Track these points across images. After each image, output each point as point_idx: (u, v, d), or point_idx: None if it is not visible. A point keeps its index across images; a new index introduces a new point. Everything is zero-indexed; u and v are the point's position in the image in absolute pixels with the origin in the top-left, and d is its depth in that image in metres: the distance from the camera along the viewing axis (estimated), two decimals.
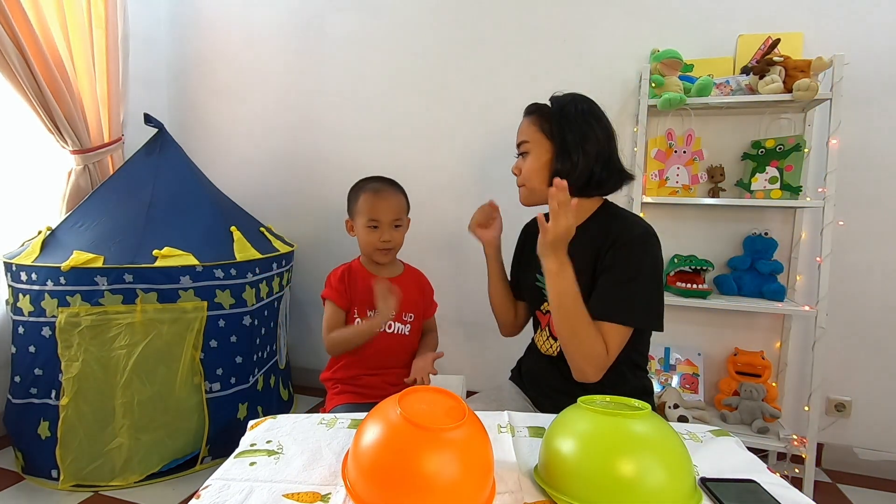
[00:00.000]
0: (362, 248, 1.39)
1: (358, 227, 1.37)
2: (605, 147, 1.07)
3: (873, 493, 1.67)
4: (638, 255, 1.01)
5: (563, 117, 1.08)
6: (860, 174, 1.70)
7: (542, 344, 1.18)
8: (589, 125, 1.07)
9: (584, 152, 1.05)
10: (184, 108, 2.53)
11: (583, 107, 1.10)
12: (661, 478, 0.62)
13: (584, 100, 1.12)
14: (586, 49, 1.95)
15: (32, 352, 1.57)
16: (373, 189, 1.37)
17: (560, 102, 1.11)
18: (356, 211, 1.37)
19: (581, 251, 1.05)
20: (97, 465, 1.51)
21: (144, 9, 2.35)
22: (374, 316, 1.27)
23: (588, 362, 0.99)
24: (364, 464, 0.63)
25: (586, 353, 0.99)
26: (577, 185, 1.05)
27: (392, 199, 1.37)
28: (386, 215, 1.34)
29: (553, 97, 1.14)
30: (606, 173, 1.08)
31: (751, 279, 1.75)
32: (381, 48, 2.20)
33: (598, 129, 1.07)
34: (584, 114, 1.08)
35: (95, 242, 1.58)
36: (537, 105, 1.14)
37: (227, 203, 2.01)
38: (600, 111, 1.12)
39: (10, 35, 1.66)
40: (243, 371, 1.74)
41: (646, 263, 1.02)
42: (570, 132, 1.06)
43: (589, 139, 1.06)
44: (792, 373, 1.81)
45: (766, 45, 1.66)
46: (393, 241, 1.36)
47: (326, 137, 2.31)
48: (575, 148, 1.06)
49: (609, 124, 1.11)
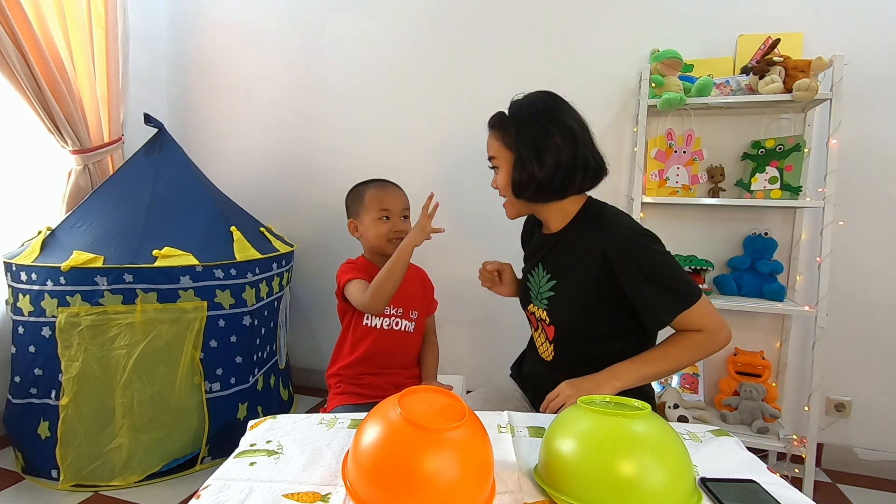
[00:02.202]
0: (373, 242, 1.37)
1: (366, 223, 1.37)
2: (565, 151, 1.01)
3: (873, 493, 1.67)
4: (642, 254, 0.98)
5: (518, 126, 1.04)
6: (860, 174, 1.70)
7: (540, 346, 1.17)
8: (545, 132, 1.01)
9: (539, 163, 1.01)
10: (184, 108, 2.53)
11: (538, 109, 1.04)
12: (661, 478, 0.62)
13: (542, 100, 1.06)
14: (586, 49, 1.95)
15: (32, 352, 1.56)
16: (378, 185, 1.40)
17: (516, 109, 1.06)
18: (363, 208, 1.37)
19: (568, 258, 1.07)
20: (97, 465, 1.51)
21: (144, 8, 2.35)
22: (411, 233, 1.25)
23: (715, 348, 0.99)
24: (364, 464, 0.63)
25: (706, 352, 0.99)
26: (538, 194, 1.05)
27: (399, 192, 1.42)
28: (396, 205, 1.37)
29: (512, 101, 1.09)
30: (570, 177, 1.03)
31: (751, 279, 1.75)
32: (380, 48, 2.20)
33: (556, 133, 1.01)
34: (540, 119, 1.03)
35: (95, 242, 1.58)
36: (497, 117, 1.09)
37: (227, 203, 2.01)
38: (561, 110, 1.05)
39: (10, 35, 1.66)
40: (243, 371, 1.74)
41: (654, 253, 0.99)
42: (524, 143, 1.02)
43: (545, 147, 1.01)
44: (792, 373, 1.81)
45: (766, 45, 1.66)
46: (405, 232, 1.35)
47: (327, 137, 2.31)
48: (529, 159, 1.02)
49: (573, 122, 1.04)
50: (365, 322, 1.36)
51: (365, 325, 1.36)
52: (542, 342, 1.15)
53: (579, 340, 1.08)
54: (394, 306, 1.37)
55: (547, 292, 1.10)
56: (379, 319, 1.36)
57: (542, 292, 1.11)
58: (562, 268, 1.08)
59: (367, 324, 1.36)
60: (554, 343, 1.11)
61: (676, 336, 1.00)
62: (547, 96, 1.08)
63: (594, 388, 0.95)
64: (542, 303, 1.11)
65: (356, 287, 1.31)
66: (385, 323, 1.37)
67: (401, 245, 1.25)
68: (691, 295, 0.96)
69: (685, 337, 0.98)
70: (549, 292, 1.09)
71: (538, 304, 1.13)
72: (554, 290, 1.09)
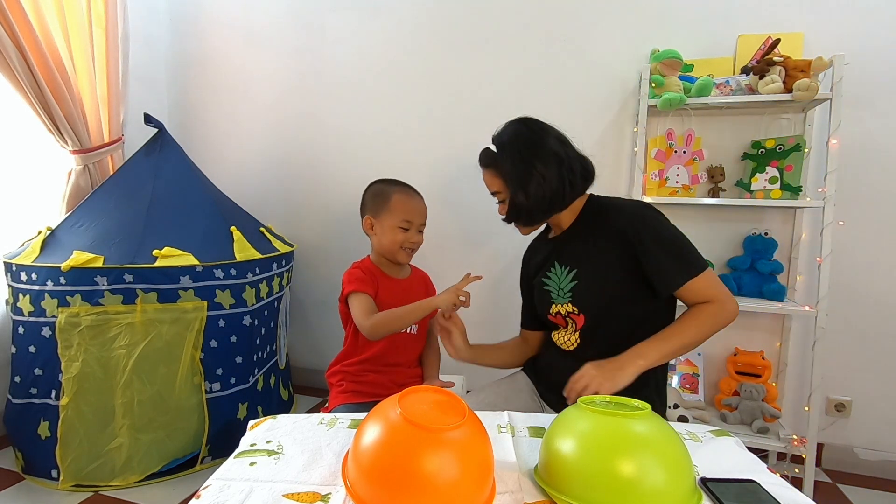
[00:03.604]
0: (385, 247, 1.37)
1: (385, 226, 1.36)
2: (550, 180, 1.08)
3: (873, 493, 1.67)
4: (653, 223, 1.06)
5: (504, 162, 1.11)
6: (860, 174, 1.70)
7: (564, 342, 1.18)
8: (527, 164, 1.08)
9: (526, 195, 1.09)
10: (184, 108, 2.53)
11: (520, 143, 1.10)
12: (661, 478, 0.62)
13: (521, 133, 1.12)
14: (586, 49, 1.95)
15: (32, 352, 1.56)
16: (405, 191, 1.39)
17: (500, 145, 1.13)
18: (386, 210, 1.35)
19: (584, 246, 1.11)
20: (97, 465, 1.51)
21: (144, 8, 2.35)
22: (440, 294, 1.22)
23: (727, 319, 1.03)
24: (364, 464, 0.63)
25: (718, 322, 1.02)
26: (534, 217, 1.13)
27: (423, 203, 1.41)
28: (418, 217, 1.37)
29: (495, 137, 1.15)
30: (558, 199, 1.10)
31: (751, 279, 1.75)
32: (380, 48, 2.20)
33: (538, 164, 1.07)
34: (521, 153, 1.09)
35: (95, 242, 1.58)
36: (487, 155, 1.16)
37: (227, 203, 2.00)
38: (538, 136, 1.11)
39: (10, 35, 1.66)
40: (243, 371, 1.74)
41: (663, 224, 1.07)
42: (511, 179, 1.10)
43: (530, 181, 1.08)
44: (792, 373, 1.81)
45: (766, 45, 1.66)
46: (418, 244, 1.40)
47: (327, 137, 2.31)
48: (517, 193, 1.09)
49: (554, 143, 1.10)
50: None
51: None
52: (567, 336, 1.16)
53: (608, 322, 1.10)
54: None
55: (569, 284, 1.13)
56: None
57: (564, 287, 1.14)
58: (579, 256, 1.12)
59: None
60: (581, 331, 1.13)
61: (689, 312, 1.04)
62: (525, 126, 1.14)
63: (618, 368, 0.97)
64: (566, 297, 1.13)
65: (359, 305, 1.29)
66: None
67: (427, 302, 1.22)
68: (700, 264, 1.03)
69: (697, 310, 1.03)
70: (571, 282, 1.12)
71: (561, 301, 1.14)
72: (576, 279, 1.12)
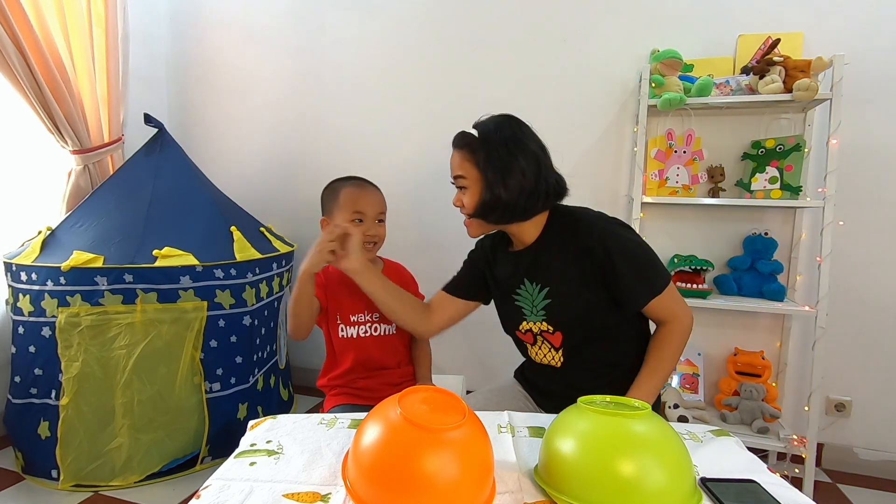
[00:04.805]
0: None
1: (338, 223, 1.27)
2: (529, 178, 1.04)
3: (873, 493, 1.67)
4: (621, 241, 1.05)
5: (486, 150, 1.06)
6: (860, 174, 1.70)
7: (543, 358, 1.16)
8: (511, 157, 1.04)
9: (505, 187, 1.04)
10: (184, 108, 2.53)
11: (505, 135, 1.06)
12: (661, 478, 0.62)
13: (507, 125, 1.09)
14: (586, 49, 1.95)
15: (32, 352, 1.57)
16: (355, 184, 1.33)
17: (484, 132, 1.08)
18: (336, 206, 1.30)
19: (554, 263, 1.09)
20: (97, 465, 1.51)
21: (144, 8, 2.35)
22: (306, 258, 1.15)
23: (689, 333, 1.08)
24: (364, 464, 0.63)
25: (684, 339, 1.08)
26: (503, 217, 1.08)
27: (376, 194, 1.34)
28: (371, 208, 1.29)
29: (478, 124, 1.11)
30: (532, 201, 1.06)
31: (751, 279, 1.75)
32: (380, 48, 2.20)
33: (521, 159, 1.04)
34: (507, 144, 1.05)
35: (95, 242, 1.58)
36: (465, 137, 1.10)
37: (227, 203, 2.01)
38: (525, 135, 1.08)
39: (10, 35, 1.66)
40: (243, 371, 1.74)
41: (631, 240, 1.07)
42: (492, 168, 1.05)
43: (511, 173, 1.04)
44: (792, 373, 1.81)
45: (766, 45, 1.66)
46: (378, 236, 1.31)
47: (327, 137, 2.31)
48: (496, 184, 1.04)
49: (536, 147, 1.07)
50: (341, 334, 1.29)
51: (342, 337, 1.30)
52: (546, 353, 1.15)
53: (585, 336, 1.09)
54: (368, 312, 1.30)
55: (542, 302, 1.10)
56: (355, 328, 1.30)
57: (537, 304, 1.11)
58: (549, 274, 1.09)
59: (344, 335, 1.29)
60: (562, 348, 1.11)
61: (656, 340, 1.08)
62: (512, 122, 1.10)
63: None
64: (539, 315, 1.11)
65: None
66: (362, 331, 1.30)
67: (300, 273, 1.16)
68: (663, 280, 1.05)
69: (667, 336, 1.07)
70: (545, 300, 1.10)
71: (534, 319, 1.13)
72: (549, 297, 1.09)
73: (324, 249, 1.13)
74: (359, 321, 1.30)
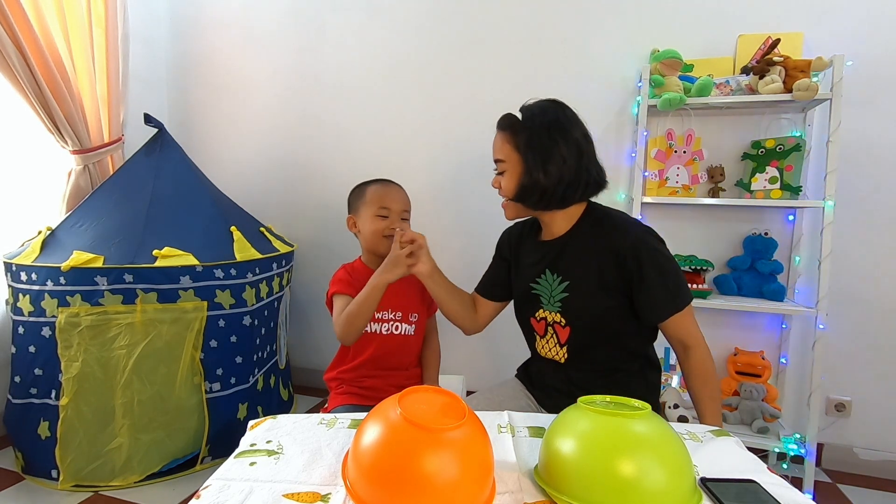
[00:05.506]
0: (368, 240, 1.36)
1: (364, 219, 1.35)
2: (570, 165, 1.04)
3: (873, 493, 1.67)
4: (654, 253, 1.04)
5: (529, 134, 1.06)
6: (860, 174, 1.70)
7: (548, 352, 1.17)
8: (553, 142, 1.04)
9: (545, 172, 1.04)
10: (184, 108, 2.53)
11: (549, 119, 1.06)
12: (661, 478, 0.62)
13: (552, 110, 1.08)
14: (586, 49, 1.95)
15: (32, 352, 1.56)
16: (381, 184, 1.39)
17: (529, 115, 1.08)
18: (363, 203, 1.36)
19: (579, 258, 1.09)
20: (97, 465, 1.51)
21: (144, 8, 2.35)
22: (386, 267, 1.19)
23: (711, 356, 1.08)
24: (364, 464, 0.63)
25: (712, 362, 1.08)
26: (540, 202, 1.08)
27: (401, 192, 1.40)
28: (396, 204, 1.35)
29: (524, 107, 1.11)
30: (572, 189, 1.06)
31: (751, 279, 1.75)
32: (380, 48, 2.20)
33: (563, 145, 1.04)
34: (550, 129, 1.05)
35: (95, 242, 1.58)
36: (508, 119, 1.11)
37: (227, 203, 2.01)
38: (569, 121, 1.07)
39: (10, 35, 1.66)
40: (243, 371, 1.74)
41: (663, 254, 1.06)
42: (533, 152, 1.04)
43: (552, 159, 1.03)
44: (792, 373, 1.81)
45: (766, 45, 1.66)
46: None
47: (326, 137, 2.31)
48: (536, 168, 1.04)
49: (580, 136, 1.07)
50: (365, 329, 1.32)
51: (365, 331, 1.32)
52: (552, 347, 1.16)
53: (593, 337, 1.10)
54: (392, 311, 1.35)
55: (560, 294, 1.11)
56: (378, 325, 1.34)
57: (555, 295, 1.12)
58: (574, 268, 1.10)
59: (368, 330, 1.33)
60: (567, 345, 1.12)
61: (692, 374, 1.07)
62: (558, 107, 1.10)
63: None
64: (555, 306, 1.12)
65: (338, 308, 1.28)
66: (385, 328, 1.35)
67: (377, 279, 1.20)
68: (686, 297, 1.05)
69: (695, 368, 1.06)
70: (563, 294, 1.10)
71: (550, 309, 1.13)
72: (567, 291, 1.10)
73: (402, 261, 1.17)
74: (383, 318, 1.35)
